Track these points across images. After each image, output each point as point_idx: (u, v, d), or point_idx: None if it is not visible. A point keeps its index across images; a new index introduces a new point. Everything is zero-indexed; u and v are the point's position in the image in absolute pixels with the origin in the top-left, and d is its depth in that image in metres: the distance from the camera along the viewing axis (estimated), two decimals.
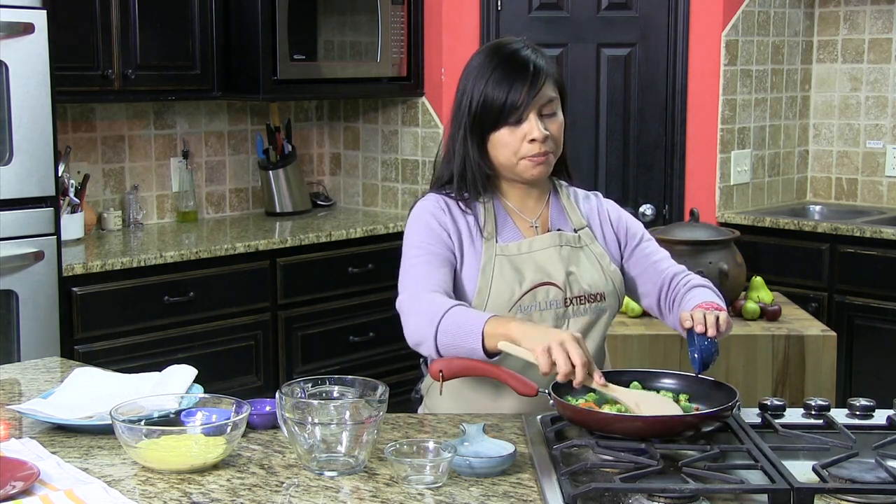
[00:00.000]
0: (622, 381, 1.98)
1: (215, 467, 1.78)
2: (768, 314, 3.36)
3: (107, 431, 1.89)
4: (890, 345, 4.22)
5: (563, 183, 2.33)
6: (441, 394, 2.15)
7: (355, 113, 4.99)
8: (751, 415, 2.00)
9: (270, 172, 4.67)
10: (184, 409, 1.92)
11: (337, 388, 1.87)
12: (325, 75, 4.43)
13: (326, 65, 4.43)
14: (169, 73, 4.11)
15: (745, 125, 4.69)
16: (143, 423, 1.83)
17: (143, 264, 3.73)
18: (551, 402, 1.90)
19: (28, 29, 3.38)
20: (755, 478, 1.70)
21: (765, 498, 1.62)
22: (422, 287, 2.09)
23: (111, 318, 3.67)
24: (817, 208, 4.92)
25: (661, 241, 2.42)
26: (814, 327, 3.30)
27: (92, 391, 2.10)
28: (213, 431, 1.78)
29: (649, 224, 4.25)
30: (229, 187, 4.75)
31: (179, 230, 4.33)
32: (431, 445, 1.75)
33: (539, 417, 1.99)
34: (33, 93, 3.42)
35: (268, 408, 1.99)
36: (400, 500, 1.64)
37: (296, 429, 1.74)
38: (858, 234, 4.28)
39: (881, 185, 4.93)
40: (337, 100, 4.99)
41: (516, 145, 2.16)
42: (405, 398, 2.42)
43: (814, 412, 2.01)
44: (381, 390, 1.82)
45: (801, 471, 1.69)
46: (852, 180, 5.01)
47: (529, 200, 2.27)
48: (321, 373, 2.98)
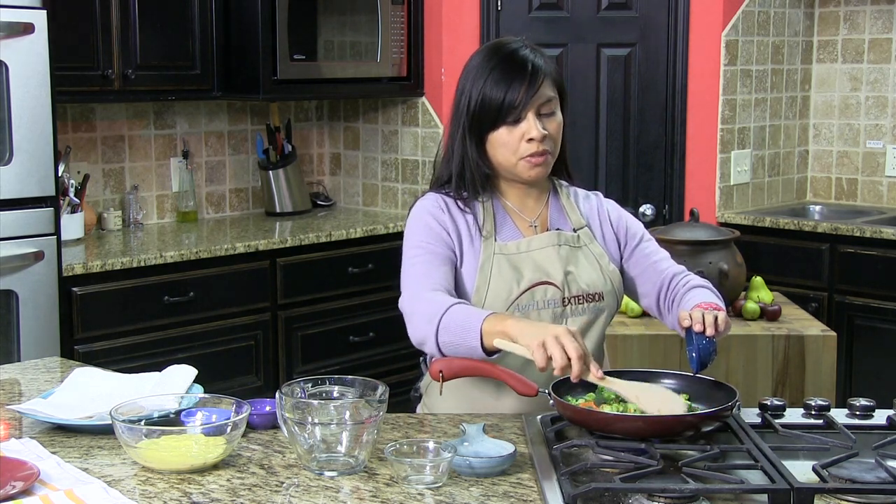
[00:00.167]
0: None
1: (215, 467, 1.78)
2: (768, 314, 3.36)
3: (107, 431, 1.89)
4: (890, 345, 4.21)
5: (564, 183, 2.33)
6: (441, 394, 2.15)
7: (355, 113, 4.99)
8: (751, 415, 2.00)
9: (270, 172, 4.67)
10: (184, 409, 1.92)
11: (337, 388, 1.87)
12: (325, 75, 4.43)
13: (326, 65, 4.43)
14: (169, 73, 4.11)
15: (745, 125, 4.69)
16: (143, 423, 1.83)
17: (143, 264, 3.73)
18: (551, 402, 1.91)
19: (28, 29, 3.38)
20: (755, 478, 1.70)
21: (765, 498, 1.62)
22: (423, 286, 2.09)
23: (111, 318, 3.67)
24: (817, 208, 4.92)
25: (661, 241, 2.42)
26: (814, 327, 3.30)
27: (92, 391, 2.10)
28: (213, 431, 1.78)
29: (649, 224, 4.25)
30: (229, 187, 4.75)
31: (179, 230, 4.33)
32: (431, 445, 1.75)
33: (539, 417, 1.99)
34: (33, 93, 3.42)
35: (268, 408, 1.99)
36: (400, 500, 1.64)
37: (296, 429, 1.74)
38: (858, 234, 4.27)
39: (881, 185, 4.93)
40: (337, 100, 4.99)
41: (515, 145, 2.16)
42: (405, 398, 2.42)
43: (814, 412, 2.01)
44: (381, 390, 1.82)
45: (801, 471, 1.69)
46: (852, 180, 5.01)
47: (529, 200, 2.27)
48: (321, 373, 2.98)
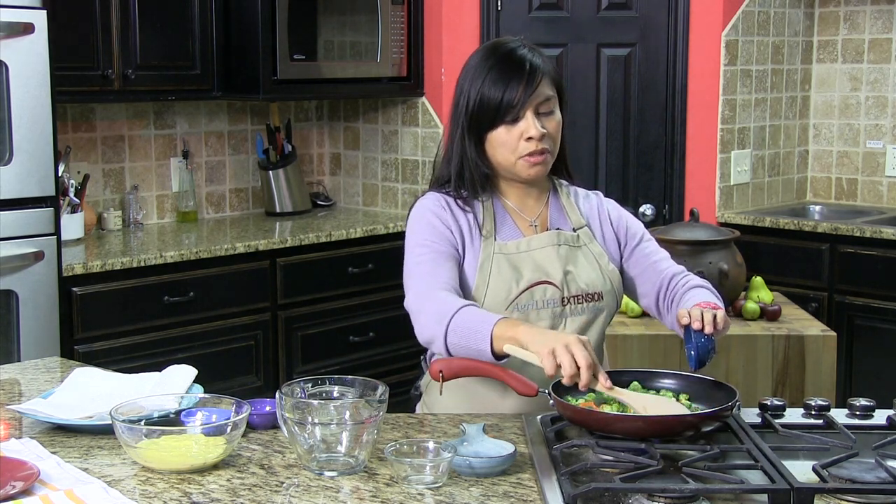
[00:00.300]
0: (622, 381, 1.98)
1: (215, 467, 1.78)
2: (768, 314, 3.36)
3: (107, 431, 1.89)
4: (890, 345, 4.21)
5: (563, 182, 2.33)
6: (441, 394, 2.15)
7: (355, 113, 4.99)
8: (751, 415, 2.00)
9: (270, 172, 4.67)
10: (184, 409, 1.92)
11: (337, 388, 1.87)
12: (325, 75, 4.43)
13: (326, 65, 4.43)
14: (169, 73, 4.11)
15: (745, 125, 4.69)
16: (143, 423, 1.83)
17: (143, 264, 3.73)
18: (551, 402, 1.91)
19: (28, 29, 3.38)
20: (755, 478, 1.70)
21: (765, 498, 1.62)
22: (429, 285, 2.09)
23: (111, 318, 3.67)
24: (817, 208, 4.92)
25: (661, 241, 2.42)
26: (814, 327, 3.30)
27: (92, 391, 2.10)
28: (213, 431, 1.78)
29: (649, 224, 4.25)
30: (229, 187, 4.75)
31: (179, 230, 4.33)
32: (431, 445, 1.75)
33: (539, 417, 1.99)
34: (33, 93, 3.42)
35: (268, 408, 1.99)
36: (400, 500, 1.64)
37: (296, 429, 1.74)
38: (858, 234, 4.27)
39: (881, 185, 4.93)
40: (337, 100, 4.99)
41: (513, 144, 2.16)
42: (405, 398, 2.42)
43: (814, 412, 2.01)
44: (381, 390, 1.82)
45: (801, 471, 1.69)
46: (852, 180, 5.01)
47: (529, 199, 2.27)
48: (321, 373, 2.98)
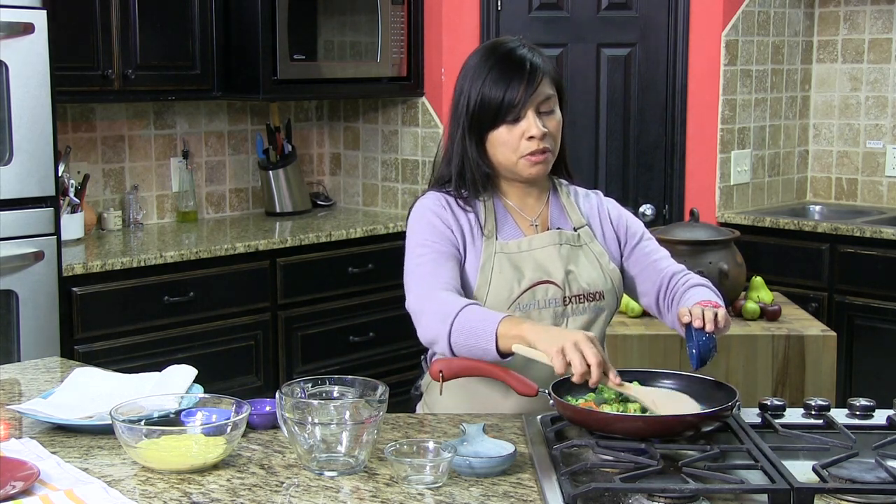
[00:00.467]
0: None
1: (215, 467, 1.78)
2: (768, 314, 3.36)
3: (107, 431, 1.89)
4: (890, 345, 4.21)
5: (563, 181, 2.33)
6: (441, 394, 2.15)
7: (355, 113, 4.99)
8: (751, 415, 2.00)
9: (270, 172, 4.67)
10: (184, 409, 1.92)
11: (337, 388, 1.87)
12: (325, 75, 4.43)
13: (326, 65, 4.43)
14: (169, 73, 4.11)
15: (745, 125, 4.69)
16: (143, 423, 1.83)
17: (143, 264, 3.73)
18: (551, 402, 1.91)
19: (28, 29, 3.38)
20: (755, 478, 1.70)
21: (765, 498, 1.62)
22: (431, 285, 2.09)
23: (111, 318, 3.67)
24: (817, 208, 4.92)
25: (661, 241, 2.42)
26: (814, 327, 3.30)
27: (92, 391, 2.10)
28: (213, 431, 1.78)
29: (649, 224, 4.24)
30: (229, 187, 4.75)
31: (179, 230, 4.33)
32: (431, 445, 1.75)
33: (539, 417, 1.99)
34: (33, 93, 3.42)
35: (268, 408, 1.99)
36: (400, 500, 1.64)
37: (296, 429, 1.74)
38: (858, 234, 4.27)
39: (881, 185, 4.93)
40: (337, 100, 4.99)
41: (515, 143, 2.16)
42: (405, 398, 2.42)
43: (814, 412, 2.01)
44: (381, 390, 1.82)
45: (801, 471, 1.69)
46: (852, 180, 5.01)
47: (529, 199, 2.27)
48: (321, 373, 2.98)
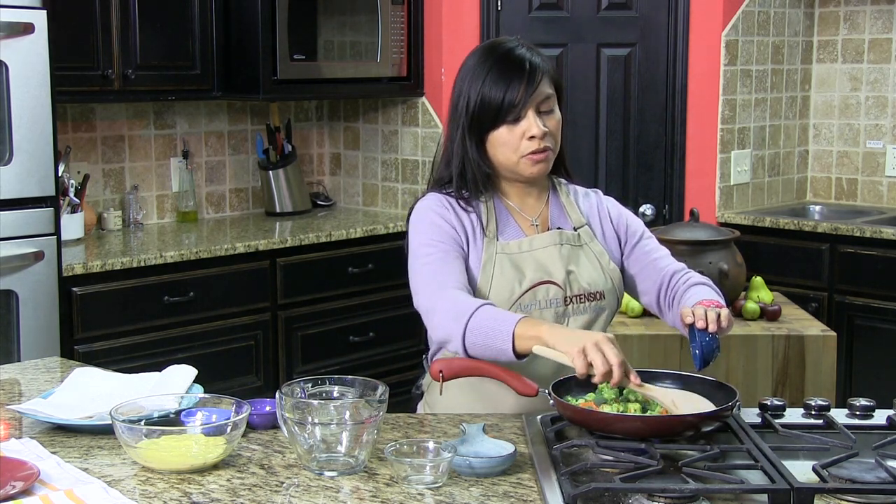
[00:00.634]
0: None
1: (215, 467, 1.78)
2: (768, 314, 3.36)
3: (107, 431, 1.89)
4: (890, 345, 4.21)
5: (563, 181, 2.33)
6: (441, 394, 2.15)
7: (355, 113, 4.99)
8: (751, 415, 2.00)
9: (270, 172, 4.67)
10: (184, 409, 1.92)
11: (337, 388, 1.87)
12: (325, 75, 4.43)
13: (326, 65, 4.43)
14: (169, 73, 4.11)
15: (745, 125, 4.69)
16: (143, 423, 1.83)
17: (143, 264, 3.72)
18: (551, 402, 1.91)
19: (28, 29, 3.38)
20: (755, 478, 1.70)
21: (765, 498, 1.61)
22: (441, 284, 2.08)
23: (111, 318, 3.67)
24: (817, 208, 4.92)
25: (661, 241, 2.42)
26: (814, 327, 3.30)
27: (92, 391, 2.10)
28: (213, 431, 1.78)
29: (649, 224, 4.24)
30: (229, 187, 4.75)
31: (179, 230, 4.33)
32: (431, 445, 1.75)
33: (539, 417, 1.99)
34: (33, 93, 3.42)
35: (268, 408, 1.99)
36: (400, 500, 1.64)
37: (296, 429, 1.74)
38: (858, 234, 4.27)
39: (881, 185, 4.93)
40: (337, 100, 4.99)
41: (515, 143, 2.16)
42: (405, 398, 2.42)
43: (814, 412, 2.01)
44: (381, 390, 1.82)
45: (801, 471, 1.69)
46: (852, 180, 5.01)
47: (529, 199, 2.27)
48: (321, 373, 2.98)
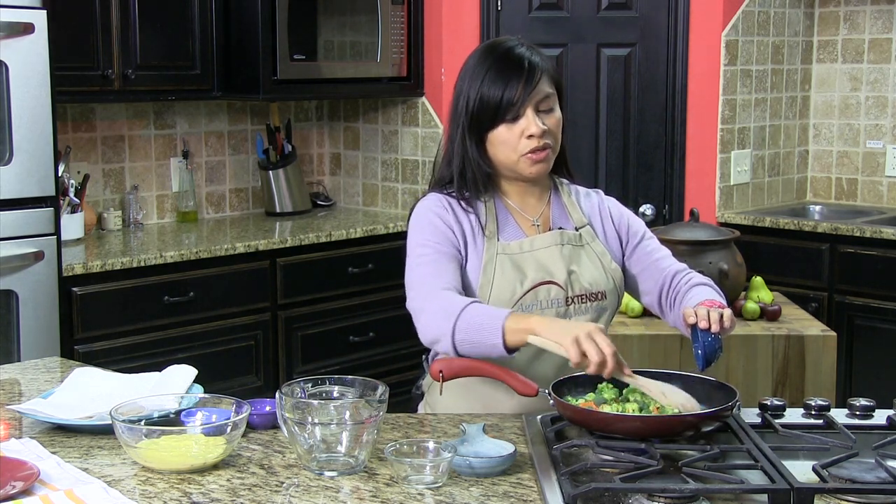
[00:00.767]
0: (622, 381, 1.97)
1: (215, 467, 1.78)
2: (768, 314, 3.36)
3: (107, 431, 1.89)
4: (890, 345, 4.21)
5: (564, 181, 2.33)
6: (441, 394, 2.15)
7: (355, 113, 4.99)
8: (751, 415, 2.00)
9: (270, 172, 4.67)
10: (184, 409, 1.92)
11: (337, 388, 1.87)
12: (325, 75, 4.43)
13: (326, 65, 4.43)
14: (169, 73, 4.11)
15: (745, 125, 4.69)
16: (143, 423, 1.83)
17: (143, 264, 3.72)
18: (551, 402, 1.91)
19: (28, 29, 3.38)
20: (755, 478, 1.70)
21: (765, 498, 1.62)
22: (432, 285, 2.09)
23: (111, 318, 3.67)
24: (817, 208, 4.92)
25: (662, 241, 2.42)
26: (814, 327, 3.30)
27: (92, 391, 2.10)
28: (213, 431, 1.78)
29: (649, 224, 4.22)
30: (229, 187, 4.75)
31: (179, 230, 4.33)
32: (431, 445, 1.75)
33: (539, 417, 1.99)
34: (33, 93, 3.42)
35: (268, 408, 1.99)
36: (400, 500, 1.64)
37: (296, 429, 1.74)
38: (858, 234, 4.27)
39: (881, 185, 4.93)
40: (337, 100, 4.99)
41: (515, 142, 2.16)
42: (405, 398, 2.42)
43: (814, 412, 2.01)
44: (381, 390, 1.82)
45: (801, 471, 1.69)
46: (852, 180, 5.01)
47: (530, 199, 2.27)
48: (321, 373, 2.98)
